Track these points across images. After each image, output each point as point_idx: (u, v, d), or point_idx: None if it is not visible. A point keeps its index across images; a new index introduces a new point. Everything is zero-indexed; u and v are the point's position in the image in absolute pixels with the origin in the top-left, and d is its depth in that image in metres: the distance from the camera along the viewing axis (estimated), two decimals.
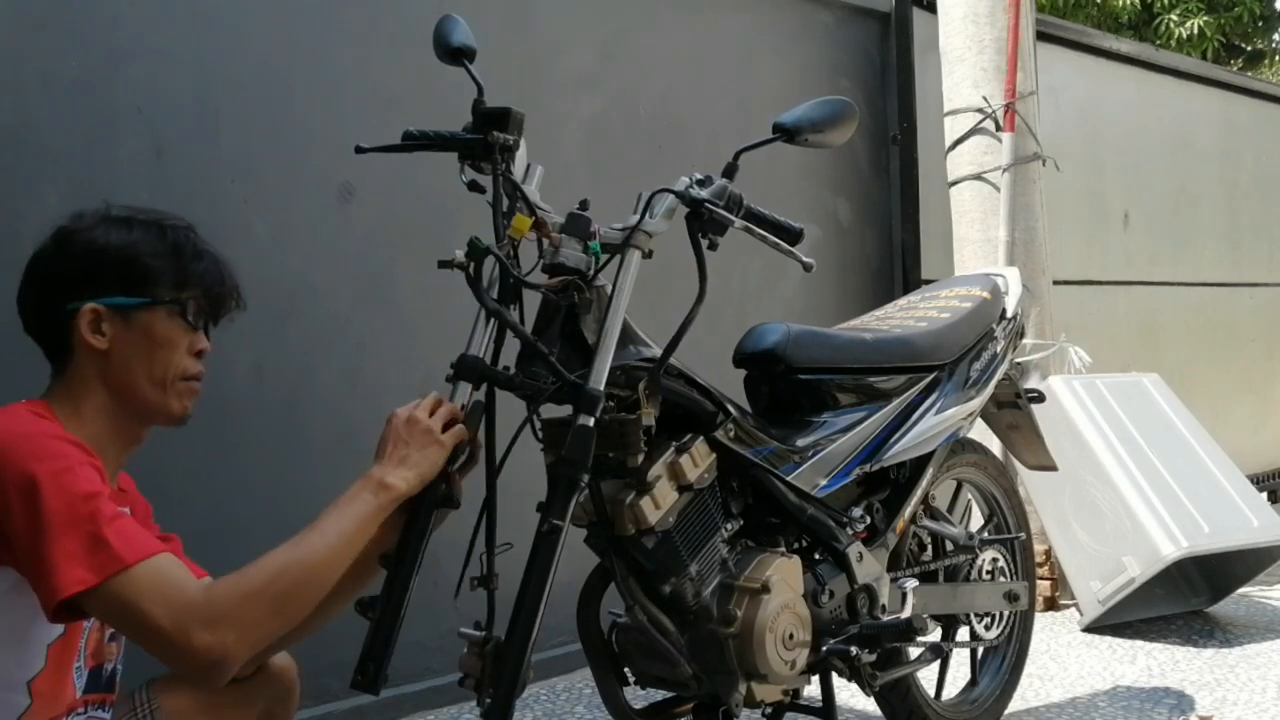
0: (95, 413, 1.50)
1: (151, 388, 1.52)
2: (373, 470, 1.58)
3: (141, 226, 1.54)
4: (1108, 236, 5.18)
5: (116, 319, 1.50)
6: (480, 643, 1.75)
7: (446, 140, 1.83)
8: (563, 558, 1.73)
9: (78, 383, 1.50)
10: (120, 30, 2.54)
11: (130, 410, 1.52)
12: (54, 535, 1.32)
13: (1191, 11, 12.03)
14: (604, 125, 3.43)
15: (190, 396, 1.56)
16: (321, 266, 2.83)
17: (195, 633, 1.34)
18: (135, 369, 1.50)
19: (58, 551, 1.32)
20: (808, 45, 4.08)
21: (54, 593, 1.32)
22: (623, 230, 1.89)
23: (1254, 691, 3.00)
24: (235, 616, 1.36)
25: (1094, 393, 3.80)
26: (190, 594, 1.36)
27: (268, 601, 1.39)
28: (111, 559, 1.34)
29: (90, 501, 1.36)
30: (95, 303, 1.49)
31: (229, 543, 2.57)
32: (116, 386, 1.50)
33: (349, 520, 1.51)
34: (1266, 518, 3.63)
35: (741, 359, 2.28)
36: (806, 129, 1.99)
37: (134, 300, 1.50)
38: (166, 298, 1.52)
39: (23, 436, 1.38)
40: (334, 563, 1.47)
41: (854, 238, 4.19)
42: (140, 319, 1.51)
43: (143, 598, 1.33)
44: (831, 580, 2.19)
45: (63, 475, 1.35)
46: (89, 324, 1.49)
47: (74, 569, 1.32)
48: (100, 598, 1.33)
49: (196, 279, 1.55)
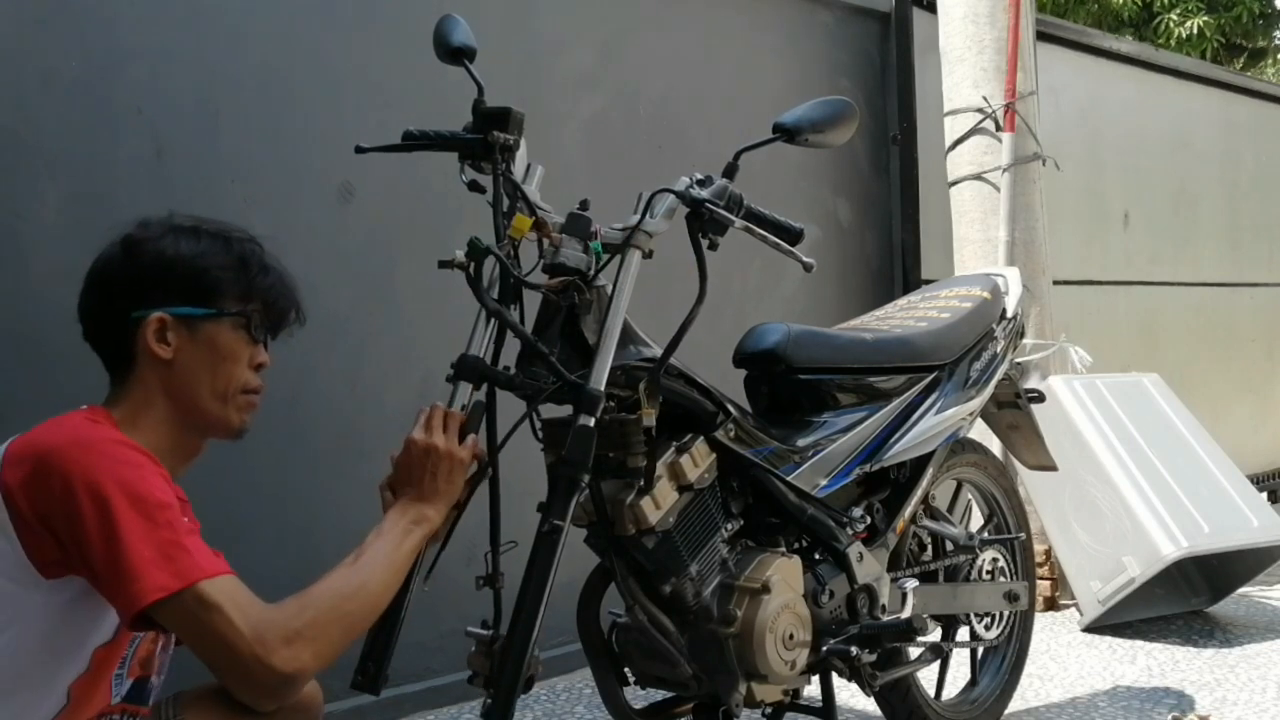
0: (156, 423, 1.49)
1: (213, 399, 1.52)
2: (411, 504, 1.60)
3: (209, 237, 1.54)
4: (1108, 236, 5.18)
5: (182, 329, 1.49)
6: (488, 641, 1.76)
7: (446, 140, 1.83)
8: (563, 558, 1.73)
9: (139, 392, 1.49)
10: (120, 30, 2.54)
11: (190, 422, 1.52)
12: (132, 541, 1.31)
13: (1191, 11, 12.03)
14: (604, 125, 3.43)
15: (249, 410, 1.57)
16: (321, 266, 2.83)
17: (276, 646, 1.34)
18: (198, 380, 1.50)
19: (136, 557, 1.31)
20: (808, 45, 4.08)
21: (136, 598, 1.31)
22: (623, 230, 1.89)
23: (1254, 691, 3.00)
24: (312, 634, 1.37)
25: (1094, 393, 3.80)
26: (267, 610, 1.37)
27: (339, 623, 1.41)
28: (193, 566, 1.34)
29: (165, 509, 1.35)
30: (162, 311, 1.48)
31: (229, 543, 2.56)
32: (178, 397, 1.50)
33: (404, 554, 1.54)
34: (1266, 518, 3.63)
35: (741, 359, 2.28)
36: (806, 129, 1.99)
37: (201, 310, 1.50)
38: (233, 309, 1.53)
39: (86, 442, 1.37)
40: (389, 593, 1.51)
41: (854, 238, 4.19)
42: (206, 330, 1.51)
43: (225, 607, 1.33)
44: (831, 580, 2.19)
45: (136, 482, 1.35)
46: (155, 332, 1.48)
47: (156, 574, 1.31)
48: (181, 604, 1.32)
49: (262, 292, 1.56)
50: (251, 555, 2.62)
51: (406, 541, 1.55)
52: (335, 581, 1.45)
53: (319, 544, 2.76)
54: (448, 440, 1.64)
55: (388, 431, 2.87)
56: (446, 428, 1.65)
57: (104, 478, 1.33)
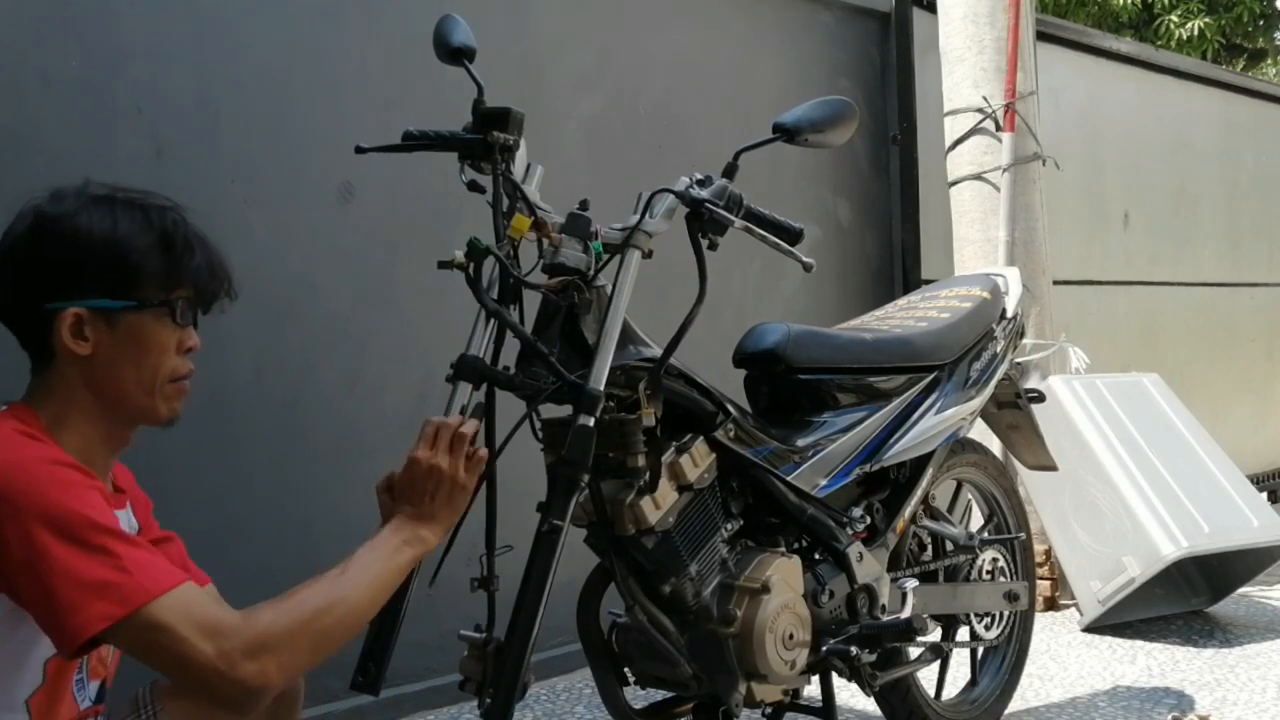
0: (80, 417, 1.40)
1: (139, 392, 1.42)
2: (408, 522, 1.54)
3: (126, 213, 1.41)
4: (1108, 236, 5.18)
5: (100, 323, 1.38)
6: (480, 645, 1.76)
7: (446, 140, 1.83)
8: (563, 558, 1.73)
9: (60, 387, 1.40)
10: (120, 30, 2.54)
11: (117, 415, 1.43)
12: (67, 571, 1.24)
13: (1192, 13, 12.02)
14: (604, 125, 3.43)
15: (179, 398, 1.47)
16: (321, 266, 2.83)
17: (240, 662, 1.28)
18: (122, 374, 1.40)
19: (71, 589, 1.24)
20: (808, 45, 4.08)
21: (76, 632, 1.24)
22: (623, 230, 1.89)
23: (1254, 691, 3.00)
24: (278, 647, 1.31)
25: (1094, 393, 3.80)
26: (229, 622, 1.30)
27: (310, 636, 1.35)
28: (137, 589, 1.26)
29: (102, 532, 1.27)
30: (77, 306, 1.37)
31: (229, 543, 2.58)
32: (101, 391, 1.40)
33: (391, 572, 1.48)
34: (1266, 518, 3.63)
35: (741, 359, 2.28)
36: (806, 129, 1.99)
37: (119, 304, 1.38)
38: (155, 299, 1.40)
39: (19, 465, 1.28)
40: (372, 609, 1.45)
41: (854, 238, 4.19)
42: (126, 322, 1.39)
43: (178, 626, 1.26)
44: (831, 580, 2.19)
45: (69, 507, 1.27)
46: (70, 328, 1.37)
47: (95, 604, 1.24)
48: (128, 630, 1.26)
49: (190, 276, 1.43)
50: (251, 555, 2.64)
51: (396, 559, 1.49)
52: (314, 594, 1.38)
53: (318, 543, 2.76)
54: (453, 462, 1.56)
55: (388, 431, 2.89)
56: (453, 447, 1.58)
57: (29, 512, 1.25)
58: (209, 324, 1.53)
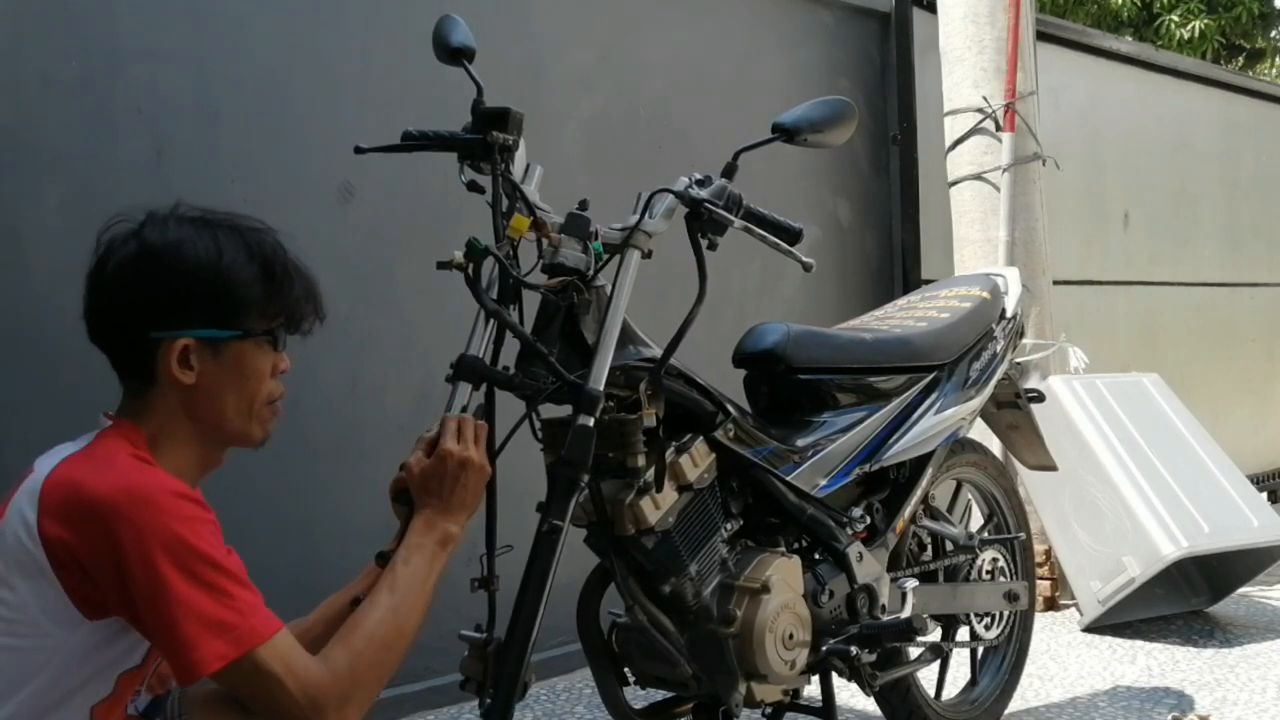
0: (180, 443, 1.43)
1: (237, 417, 1.45)
2: (437, 518, 1.56)
3: (229, 240, 1.43)
4: (1108, 236, 5.18)
5: (206, 352, 1.41)
6: (481, 645, 1.76)
7: (446, 140, 1.83)
8: (563, 558, 1.73)
9: (160, 410, 1.42)
10: (120, 30, 2.54)
11: (213, 439, 1.46)
12: (186, 609, 1.27)
13: (1193, 13, 12.01)
14: (604, 125, 3.43)
15: (273, 419, 1.51)
16: (321, 266, 2.78)
17: (328, 712, 1.34)
18: (223, 400, 1.43)
19: (191, 626, 1.27)
20: (808, 45, 4.08)
21: (195, 667, 1.28)
22: (622, 230, 1.89)
23: (1254, 691, 3.00)
24: (358, 691, 1.38)
25: (1094, 393, 3.80)
26: (316, 672, 1.35)
27: (380, 670, 1.41)
28: (250, 632, 1.30)
29: (218, 570, 1.31)
30: (186, 335, 1.39)
31: (229, 543, 2.58)
32: (201, 417, 1.43)
33: (435, 578, 1.52)
34: (1266, 518, 3.63)
35: (741, 359, 2.28)
36: (806, 129, 1.99)
37: (226, 334, 1.42)
38: (258, 329, 1.45)
39: (138, 497, 1.30)
40: (422, 620, 1.49)
41: (854, 238, 4.19)
42: (230, 351, 1.43)
43: (281, 675, 1.31)
44: (831, 580, 2.19)
45: (189, 541, 1.29)
46: (178, 358, 1.39)
47: (213, 643, 1.28)
48: (238, 670, 1.30)
49: (289, 304, 1.48)
50: (251, 555, 2.62)
51: (436, 565, 1.53)
52: (378, 627, 1.42)
53: (319, 543, 2.76)
54: (480, 453, 1.60)
55: (388, 431, 2.89)
56: (478, 439, 1.61)
57: (154, 542, 1.27)
58: None
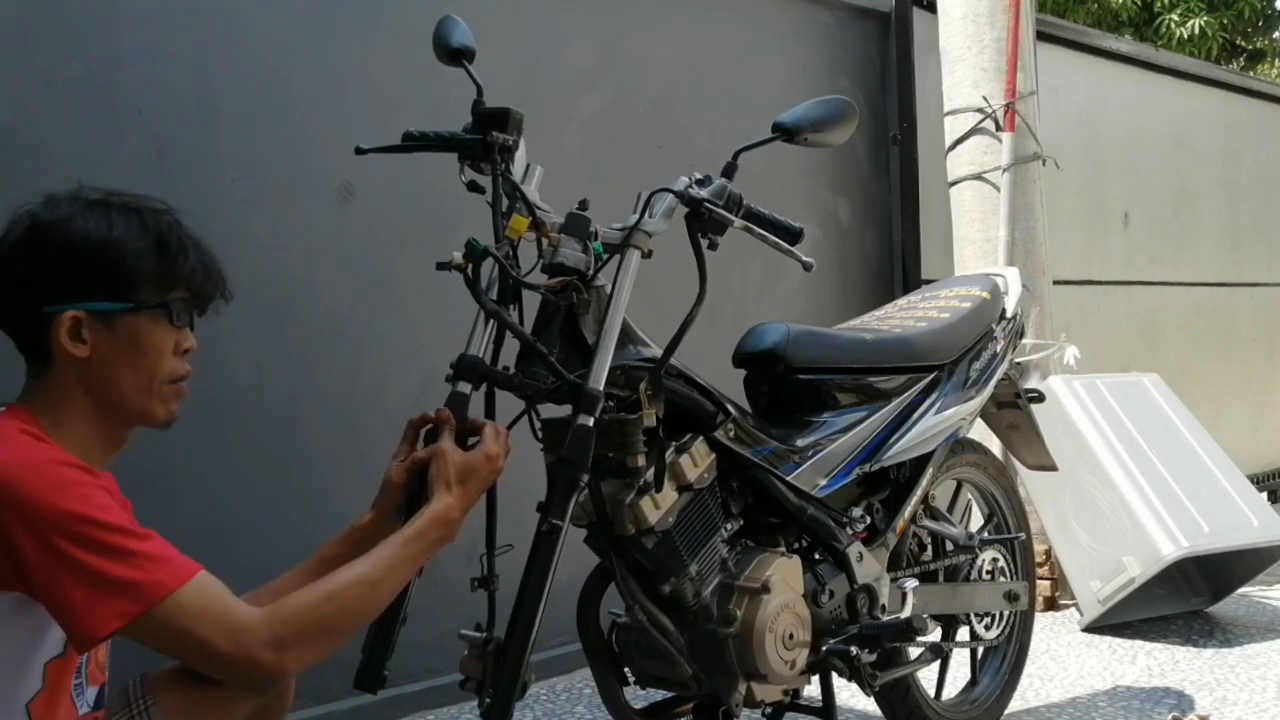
0: (77, 419, 1.41)
1: (137, 393, 1.42)
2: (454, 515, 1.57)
3: (122, 216, 1.42)
4: (1108, 236, 5.18)
5: (98, 325, 1.39)
6: (481, 644, 1.76)
7: (446, 140, 1.83)
8: (563, 558, 1.73)
9: (57, 389, 1.40)
10: (120, 30, 2.54)
11: (114, 416, 1.43)
12: (82, 571, 1.26)
13: (1193, 11, 12.01)
14: (604, 125, 3.43)
15: (177, 399, 1.47)
16: (321, 266, 2.83)
17: (258, 654, 1.33)
18: (119, 375, 1.41)
19: (89, 588, 1.26)
20: (808, 45, 4.08)
21: (93, 631, 1.27)
22: (622, 230, 1.89)
23: (1254, 691, 3.00)
24: (298, 641, 1.36)
25: (1094, 393, 3.80)
26: (243, 613, 1.34)
27: (330, 631, 1.40)
28: (154, 584, 1.29)
29: (114, 531, 1.29)
30: (75, 309, 1.38)
31: (229, 543, 2.58)
32: (99, 393, 1.41)
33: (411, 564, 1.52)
34: (1266, 518, 3.63)
35: (741, 359, 2.28)
36: (806, 129, 1.99)
37: (117, 306, 1.39)
38: (152, 301, 1.41)
39: (27, 467, 1.29)
40: (391, 592, 1.49)
41: (854, 238, 4.19)
42: (124, 324, 1.40)
43: (196, 622, 1.30)
44: (831, 580, 2.19)
45: (79, 508, 1.28)
46: (68, 331, 1.38)
47: (111, 602, 1.27)
48: (145, 625, 1.29)
49: (184, 277, 1.44)
50: (251, 555, 2.63)
51: (426, 558, 1.53)
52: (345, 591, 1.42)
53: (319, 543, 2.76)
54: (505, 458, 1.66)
55: (388, 431, 2.86)
56: (507, 452, 1.67)
57: (42, 511, 1.26)
58: (208, 324, 1.53)
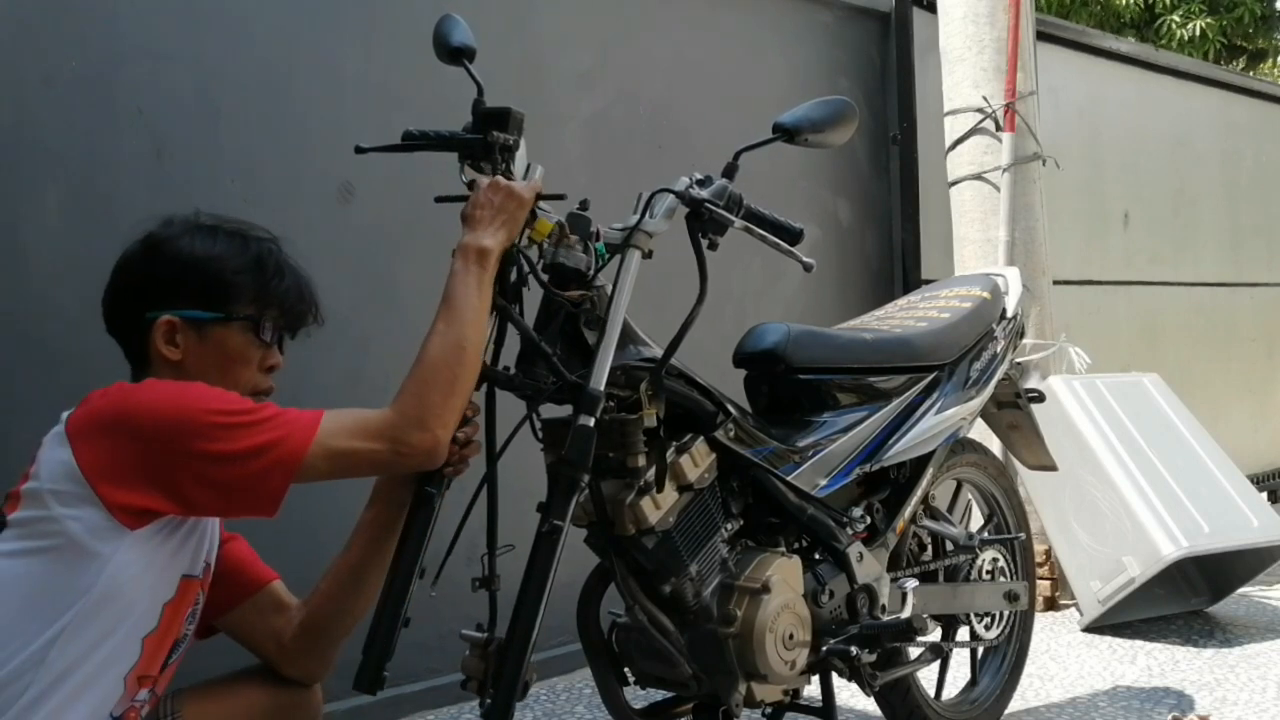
0: None
1: None
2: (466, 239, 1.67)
3: (227, 238, 1.57)
4: (1108, 236, 5.18)
5: (191, 331, 1.52)
6: (482, 644, 1.76)
7: (446, 140, 1.84)
8: (563, 558, 1.73)
9: None
10: (120, 30, 2.54)
11: None
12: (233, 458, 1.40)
13: (1194, 13, 12.02)
14: (604, 125, 3.43)
15: None
16: (321, 266, 2.80)
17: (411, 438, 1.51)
18: (206, 381, 1.50)
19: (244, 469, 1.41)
20: (808, 45, 4.08)
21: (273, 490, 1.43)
22: (623, 230, 1.89)
23: (1254, 691, 3.00)
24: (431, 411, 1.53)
25: (1094, 393, 3.80)
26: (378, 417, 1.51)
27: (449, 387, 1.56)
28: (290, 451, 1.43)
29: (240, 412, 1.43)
30: (171, 314, 1.51)
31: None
32: None
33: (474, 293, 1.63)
34: (1266, 518, 3.63)
35: (741, 359, 2.27)
36: (806, 129, 1.99)
37: (208, 315, 1.53)
38: (242, 314, 1.55)
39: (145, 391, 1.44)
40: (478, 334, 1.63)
41: (854, 238, 4.19)
42: (214, 333, 1.54)
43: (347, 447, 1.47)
44: (831, 580, 2.19)
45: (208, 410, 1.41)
46: (164, 334, 1.51)
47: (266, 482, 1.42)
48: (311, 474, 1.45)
49: (276, 296, 1.58)
50: None
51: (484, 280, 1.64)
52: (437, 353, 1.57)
53: (319, 543, 2.74)
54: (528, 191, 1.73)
55: None
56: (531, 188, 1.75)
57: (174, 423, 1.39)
58: None
